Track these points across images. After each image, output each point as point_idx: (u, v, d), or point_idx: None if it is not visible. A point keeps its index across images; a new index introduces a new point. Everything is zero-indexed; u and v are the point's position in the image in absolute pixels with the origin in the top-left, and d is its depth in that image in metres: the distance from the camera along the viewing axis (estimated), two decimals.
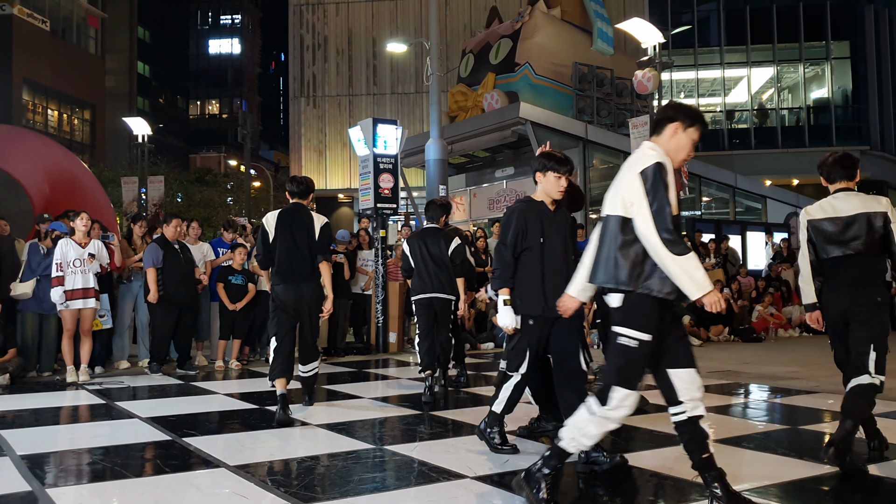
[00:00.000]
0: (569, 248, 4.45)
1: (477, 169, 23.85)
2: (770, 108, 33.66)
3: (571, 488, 4.01)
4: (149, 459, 4.62)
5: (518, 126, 19.22)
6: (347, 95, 35.62)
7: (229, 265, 9.10)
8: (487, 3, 31.58)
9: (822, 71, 32.87)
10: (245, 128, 27.70)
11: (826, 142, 31.62)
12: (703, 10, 32.96)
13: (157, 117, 56.24)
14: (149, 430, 5.37)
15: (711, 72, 33.40)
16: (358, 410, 6.18)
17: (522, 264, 4.36)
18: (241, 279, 9.04)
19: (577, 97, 21.37)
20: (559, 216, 4.48)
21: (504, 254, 4.37)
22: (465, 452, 4.62)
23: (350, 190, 34.57)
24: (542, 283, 4.31)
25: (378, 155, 10.51)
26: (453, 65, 27.17)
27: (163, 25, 67.08)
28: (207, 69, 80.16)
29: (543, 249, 4.34)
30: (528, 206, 4.45)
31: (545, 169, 4.43)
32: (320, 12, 35.73)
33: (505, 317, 4.32)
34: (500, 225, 4.46)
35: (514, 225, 4.36)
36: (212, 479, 4.07)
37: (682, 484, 3.95)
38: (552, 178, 4.41)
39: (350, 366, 9.10)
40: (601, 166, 21.38)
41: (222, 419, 6.03)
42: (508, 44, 21.49)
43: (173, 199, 35.55)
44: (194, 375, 8.31)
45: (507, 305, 4.32)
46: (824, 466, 4.28)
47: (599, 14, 23.19)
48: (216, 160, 63.88)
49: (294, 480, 4.07)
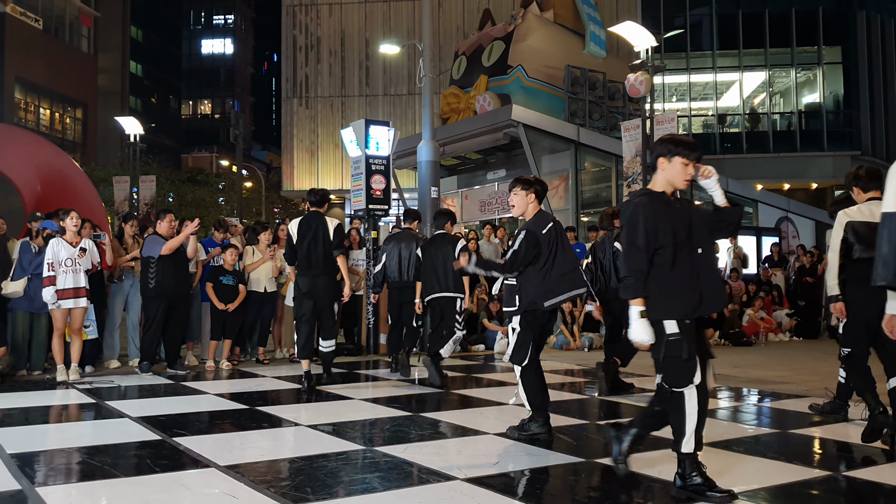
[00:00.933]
0: (702, 241, 3.88)
1: (469, 171, 23.88)
2: (762, 112, 33.81)
3: (560, 490, 4.02)
4: (138, 459, 4.61)
5: (510, 128, 19.25)
6: (340, 96, 35.60)
7: (220, 265, 9.09)
8: (480, 5, 31.63)
9: (813, 76, 33.05)
10: (237, 128, 27.63)
11: (817, 147, 31.80)
12: (696, 14, 33.09)
13: (150, 117, 56.11)
14: (139, 430, 5.36)
15: (703, 76, 33.52)
16: (348, 411, 6.18)
17: (657, 267, 3.79)
18: (231, 279, 9.03)
19: (570, 100, 21.41)
20: (683, 207, 3.95)
21: (637, 258, 3.77)
22: (456, 454, 4.63)
23: (342, 191, 34.54)
24: (692, 282, 3.77)
25: (370, 156, 10.51)
26: (446, 67, 27.20)
27: (156, 25, 66.90)
28: (200, 69, 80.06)
29: (680, 245, 3.78)
30: (651, 199, 3.85)
31: (671, 154, 3.87)
32: (313, 13, 35.71)
33: (640, 331, 3.76)
34: (624, 225, 3.87)
35: (642, 223, 3.77)
36: (202, 479, 4.06)
37: (672, 487, 3.96)
38: (679, 165, 3.86)
39: (340, 367, 9.09)
40: (593, 169, 21.43)
41: (212, 419, 6.02)
42: (501, 46, 21.52)
43: (165, 199, 35.48)
44: (184, 375, 8.29)
45: (643, 318, 3.76)
46: (814, 470, 4.31)
47: (592, 17, 23.24)
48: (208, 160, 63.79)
49: (284, 481, 4.07)
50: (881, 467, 4.44)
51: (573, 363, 9.40)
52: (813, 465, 4.50)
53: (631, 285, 3.78)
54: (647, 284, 3.76)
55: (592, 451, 4.83)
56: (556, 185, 20.78)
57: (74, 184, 12.42)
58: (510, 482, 4.09)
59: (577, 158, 20.28)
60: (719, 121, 33.56)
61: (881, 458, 4.65)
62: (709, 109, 34.13)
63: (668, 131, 15.92)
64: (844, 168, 31.36)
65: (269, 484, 3.96)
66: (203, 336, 9.43)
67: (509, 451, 4.76)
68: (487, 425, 5.32)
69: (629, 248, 3.82)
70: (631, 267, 3.80)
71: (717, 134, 33.12)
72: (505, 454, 4.69)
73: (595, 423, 5.77)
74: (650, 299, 3.77)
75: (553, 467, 4.38)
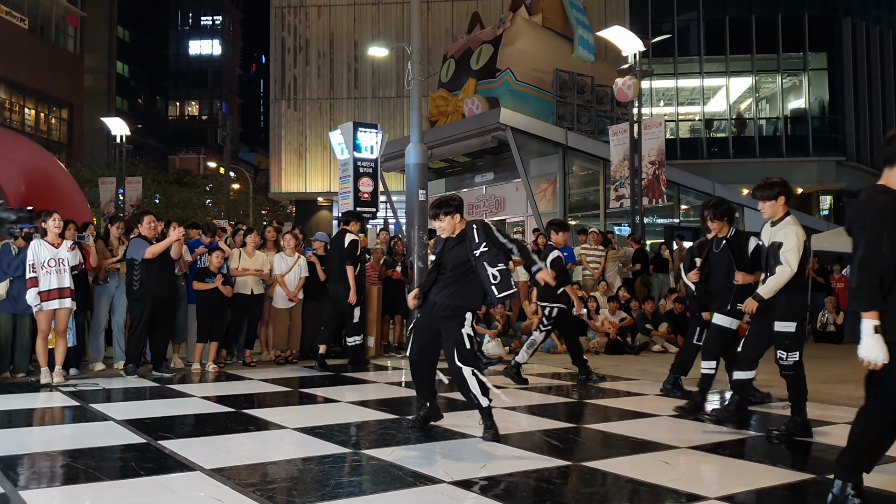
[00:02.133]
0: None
1: (457, 174, 23.90)
2: (748, 117, 34.02)
3: (546, 493, 4.03)
4: (123, 462, 4.58)
5: (498, 132, 19.28)
6: (328, 98, 35.57)
7: (206, 267, 9.04)
8: (469, 8, 31.68)
9: (799, 82, 33.29)
10: (225, 129, 27.56)
11: (803, 152, 32.03)
12: (684, 19, 33.27)
13: (136, 117, 55.80)
14: (123, 433, 5.32)
15: (691, 81, 33.71)
16: (335, 414, 6.17)
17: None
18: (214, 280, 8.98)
19: (558, 104, 21.47)
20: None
21: (879, 266, 3.33)
22: (443, 458, 4.63)
23: (330, 193, 34.49)
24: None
25: (358, 159, 10.51)
26: (434, 69, 27.22)
27: (143, 25, 66.56)
28: (187, 70, 79.69)
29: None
30: (888, 198, 3.41)
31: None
32: (302, 15, 35.66)
33: (874, 348, 3.34)
34: (868, 227, 3.39)
35: (881, 226, 3.35)
36: (187, 483, 4.04)
37: (658, 490, 3.97)
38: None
39: (328, 369, 9.07)
40: (581, 173, 21.49)
41: (198, 422, 5.99)
42: (490, 49, 21.56)
43: (151, 200, 35.30)
44: (170, 378, 8.24)
45: (878, 334, 3.34)
46: (797, 474, 4.34)
47: (581, 21, 23.32)
48: (195, 161, 63.51)
49: (270, 484, 4.06)
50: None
51: (560, 367, 9.42)
52: (796, 469, 4.52)
53: (866, 295, 3.35)
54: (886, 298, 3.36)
55: (579, 453, 4.84)
56: (544, 189, 20.82)
57: (59, 184, 12.34)
58: (496, 485, 4.08)
59: (565, 162, 20.33)
60: (706, 126, 33.75)
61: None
62: (696, 114, 34.32)
63: (656, 136, 16.00)
64: (829, 173, 31.65)
65: (255, 487, 3.94)
66: (189, 338, 9.38)
67: (496, 455, 4.76)
68: (475, 429, 5.32)
69: (872, 256, 3.35)
70: (869, 275, 3.35)
71: (703, 139, 33.31)
72: (492, 457, 4.68)
73: (582, 426, 5.78)
74: (887, 316, 3.36)
75: (540, 470, 4.38)
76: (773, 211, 5.27)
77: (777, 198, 5.24)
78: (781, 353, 5.28)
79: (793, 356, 5.25)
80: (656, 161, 15.95)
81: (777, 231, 5.25)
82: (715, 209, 6.21)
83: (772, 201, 5.25)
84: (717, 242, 6.33)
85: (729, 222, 6.24)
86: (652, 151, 16.06)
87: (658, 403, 6.81)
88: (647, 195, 15.97)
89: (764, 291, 5.23)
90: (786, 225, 5.22)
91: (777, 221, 5.28)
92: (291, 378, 8.45)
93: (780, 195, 5.24)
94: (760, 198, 5.30)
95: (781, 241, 5.19)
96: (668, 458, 4.70)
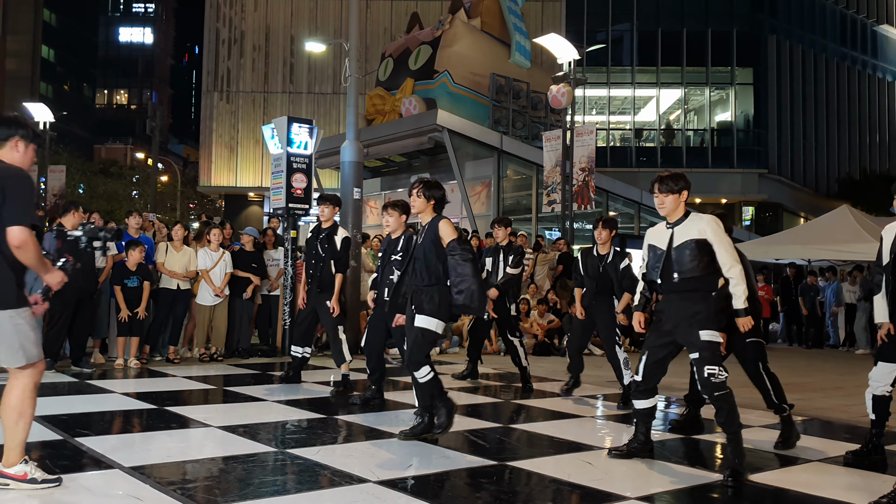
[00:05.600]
0: None
1: (392, 173, 23.86)
2: (676, 128, 34.92)
3: (471, 492, 4.06)
4: (37, 460, 4.42)
5: (435, 133, 19.35)
6: (262, 92, 35.09)
7: (124, 264, 8.76)
8: (408, 8, 31.68)
9: (726, 95, 34.33)
10: (154, 120, 26.88)
11: (727, 163, 33.05)
12: (617, 30, 33.95)
13: (61, 104, 53.92)
14: (38, 429, 5.13)
15: (622, 90, 34.42)
16: (260, 413, 6.08)
17: None
18: (136, 281, 8.74)
19: (494, 108, 21.65)
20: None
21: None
22: (370, 457, 4.62)
23: (261, 188, 34.00)
24: None
25: (292, 154, 10.37)
26: (372, 67, 27.12)
27: (71, 9, 64.45)
28: (117, 57, 77.50)
29: None
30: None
31: None
32: (238, 6, 35.10)
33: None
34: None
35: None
36: (105, 481, 3.93)
37: (582, 490, 4.05)
38: None
39: (254, 368, 8.94)
40: (514, 177, 21.72)
41: (118, 419, 5.83)
42: (428, 50, 21.61)
43: (75, 191, 34.22)
44: (90, 373, 8.00)
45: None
46: (715, 475, 4.47)
47: (518, 27, 23.58)
48: (122, 152, 61.86)
49: (192, 483, 3.98)
50: (789, 469, 4.64)
51: (489, 367, 9.49)
52: (715, 470, 4.66)
53: None
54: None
55: (505, 453, 4.89)
56: (479, 192, 20.96)
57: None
58: (423, 484, 4.10)
59: (500, 166, 20.53)
60: (636, 135, 34.52)
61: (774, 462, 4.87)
62: (626, 123, 35.06)
63: (588, 143, 16.28)
64: (752, 185, 32.72)
65: (176, 486, 3.86)
66: (111, 333, 9.12)
67: (423, 454, 4.77)
68: (404, 425, 5.32)
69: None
70: None
71: (633, 148, 34.05)
72: (419, 457, 4.70)
73: (507, 426, 5.84)
74: None
75: (466, 470, 4.42)
76: (674, 206, 4.62)
77: (682, 192, 4.63)
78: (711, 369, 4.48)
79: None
80: (586, 168, 16.24)
81: (688, 229, 4.56)
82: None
83: (675, 195, 4.62)
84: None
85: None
86: (583, 158, 16.35)
87: (582, 405, 6.94)
88: (576, 201, 16.24)
89: (740, 302, 4.58)
90: (698, 220, 4.58)
91: (680, 221, 4.62)
92: (216, 376, 8.30)
93: (683, 189, 4.64)
94: (665, 190, 4.63)
95: (696, 239, 4.51)
96: (590, 458, 4.79)
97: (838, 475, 4.63)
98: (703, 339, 4.45)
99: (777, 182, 33.54)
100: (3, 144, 3.77)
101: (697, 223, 4.56)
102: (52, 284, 3.95)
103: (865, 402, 4.90)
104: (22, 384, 3.73)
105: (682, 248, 4.53)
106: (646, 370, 4.73)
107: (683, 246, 4.53)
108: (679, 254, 4.54)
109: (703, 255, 4.51)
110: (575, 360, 7.47)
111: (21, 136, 3.79)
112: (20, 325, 3.68)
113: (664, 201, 4.64)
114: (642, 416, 4.84)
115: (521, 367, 7.92)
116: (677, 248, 4.55)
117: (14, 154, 3.78)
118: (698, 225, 4.55)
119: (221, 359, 9.55)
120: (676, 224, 4.61)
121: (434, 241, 5.11)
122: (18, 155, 3.80)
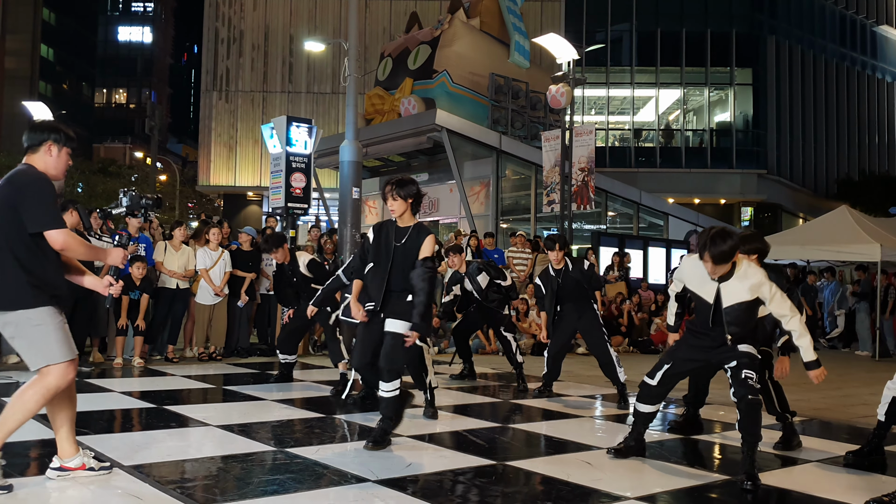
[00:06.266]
0: None
1: (391, 173, 23.83)
2: (675, 128, 34.92)
3: (471, 492, 4.06)
4: (36, 458, 4.42)
5: (434, 133, 19.34)
6: (261, 92, 35.07)
7: (128, 274, 8.72)
8: (408, 8, 31.69)
9: (725, 95, 34.34)
10: (153, 119, 26.85)
11: (727, 164, 33.06)
12: (617, 30, 33.95)
13: (60, 103, 53.94)
14: (37, 428, 5.13)
15: (622, 90, 34.42)
16: (259, 412, 6.08)
17: None
18: (138, 294, 8.74)
19: (493, 108, 21.65)
20: None
21: None
22: (368, 456, 4.62)
23: (260, 188, 33.99)
24: None
25: (291, 153, 10.39)
26: (371, 67, 27.11)
27: (70, 8, 64.39)
28: (116, 57, 77.40)
29: None
30: None
31: None
32: (237, 5, 35.08)
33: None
34: None
35: None
36: (104, 479, 3.93)
37: (581, 490, 4.05)
38: None
39: (253, 367, 8.94)
40: (513, 177, 21.72)
41: (117, 418, 5.83)
42: (427, 50, 21.61)
43: (74, 190, 34.20)
44: (89, 372, 8.00)
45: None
46: (713, 475, 4.47)
47: (517, 27, 23.57)
48: (121, 151, 61.83)
49: (191, 482, 3.98)
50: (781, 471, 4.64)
51: (487, 367, 9.49)
52: (713, 470, 4.67)
53: None
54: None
55: (503, 453, 4.89)
56: (477, 191, 20.97)
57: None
58: (422, 484, 4.10)
59: (499, 165, 20.52)
60: (635, 135, 34.52)
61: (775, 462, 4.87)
62: (625, 123, 35.06)
63: (587, 143, 16.29)
64: (751, 185, 32.74)
65: (175, 484, 3.86)
66: (110, 332, 9.11)
67: (423, 454, 4.77)
68: (401, 428, 5.32)
69: None
70: None
71: (632, 148, 34.05)
72: (418, 456, 4.70)
73: (506, 426, 5.84)
74: None
75: (465, 469, 4.42)
76: (402, 208, 4.93)
77: (736, 253, 4.35)
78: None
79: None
80: (586, 168, 16.24)
81: (737, 289, 4.40)
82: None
83: (405, 200, 4.94)
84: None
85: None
86: (582, 158, 16.36)
87: (581, 404, 6.94)
88: (575, 201, 16.25)
89: (810, 355, 4.47)
90: (746, 278, 4.39)
91: (726, 276, 4.39)
92: (215, 375, 8.30)
93: (735, 251, 4.32)
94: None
95: (747, 301, 4.38)
96: (590, 458, 4.79)
97: (838, 475, 4.64)
98: (741, 350, 4.42)
99: (776, 182, 33.55)
100: (35, 150, 3.78)
101: (746, 281, 4.39)
102: (117, 263, 3.96)
103: (882, 401, 4.77)
104: (42, 383, 3.69)
105: (732, 310, 4.41)
106: (663, 378, 4.71)
107: (734, 308, 4.40)
108: (731, 315, 4.41)
109: (754, 312, 4.47)
110: (551, 366, 7.38)
111: (54, 141, 3.79)
112: (39, 326, 3.66)
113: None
114: (643, 418, 4.84)
115: (516, 364, 7.95)
116: (727, 310, 4.42)
117: (47, 158, 3.79)
118: (748, 283, 4.38)
119: (220, 358, 9.55)
120: (723, 280, 4.42)
121: (416, 250, 4.95)
122: (52, 159, 3.80)
